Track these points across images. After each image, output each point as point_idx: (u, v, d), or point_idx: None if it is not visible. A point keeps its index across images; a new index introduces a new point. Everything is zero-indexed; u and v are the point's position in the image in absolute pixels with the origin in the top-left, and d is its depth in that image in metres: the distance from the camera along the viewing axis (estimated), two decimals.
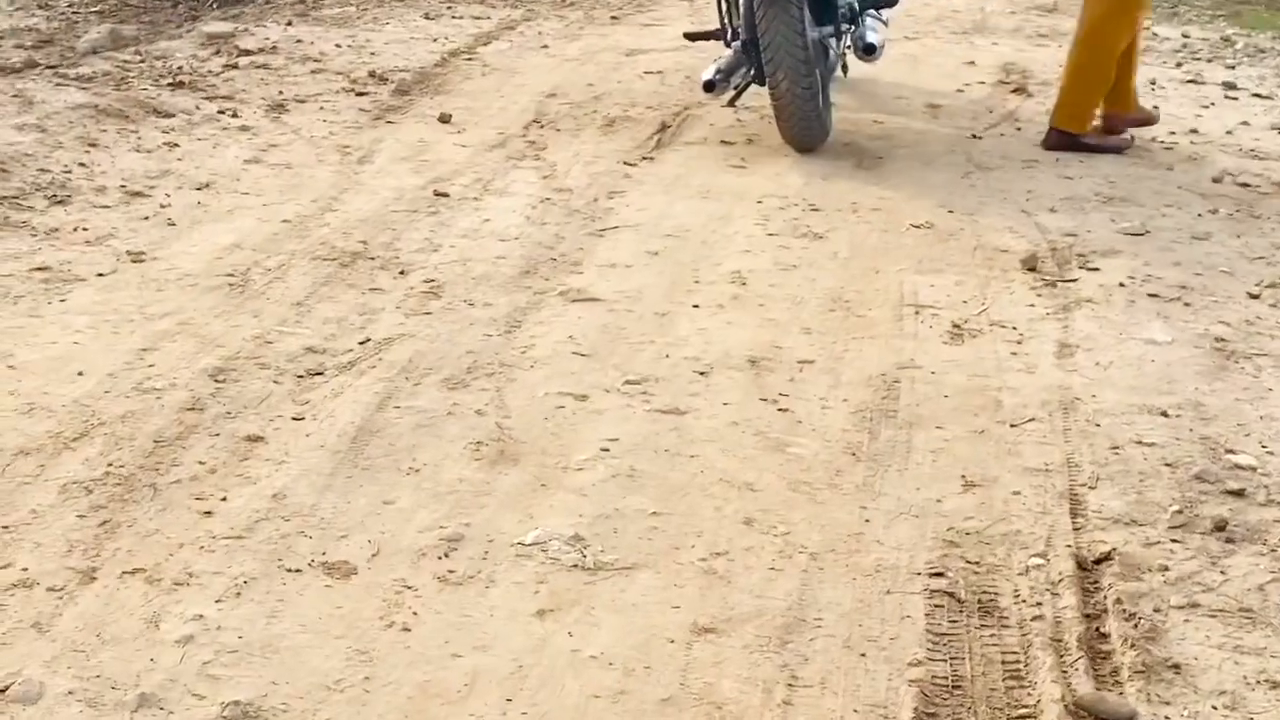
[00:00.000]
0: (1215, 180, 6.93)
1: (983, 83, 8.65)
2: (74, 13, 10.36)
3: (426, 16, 9.79)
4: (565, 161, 6.79)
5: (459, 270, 5.44)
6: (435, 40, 9.08)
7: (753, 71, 7.03)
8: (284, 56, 8.43)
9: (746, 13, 6.92)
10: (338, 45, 8.73)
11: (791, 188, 6.53)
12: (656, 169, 6.74)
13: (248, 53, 8.50)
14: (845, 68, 7.32)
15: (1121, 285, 5.52)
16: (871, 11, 7.63)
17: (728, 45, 7.15)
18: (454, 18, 9.83)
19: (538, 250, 5.68)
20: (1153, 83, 8.82)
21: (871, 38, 7.13)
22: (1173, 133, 7.76)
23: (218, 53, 8.48)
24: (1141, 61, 8.09)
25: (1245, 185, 6.91)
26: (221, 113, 7.26)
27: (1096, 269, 5.70)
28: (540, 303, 5.19)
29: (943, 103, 8.17)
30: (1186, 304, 5.39)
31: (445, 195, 6.23)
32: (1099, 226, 6.18)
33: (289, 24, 9.19)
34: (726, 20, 7.17)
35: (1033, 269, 5.69)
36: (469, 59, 8.67)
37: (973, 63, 9.16)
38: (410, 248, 5.66)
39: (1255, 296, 5.50)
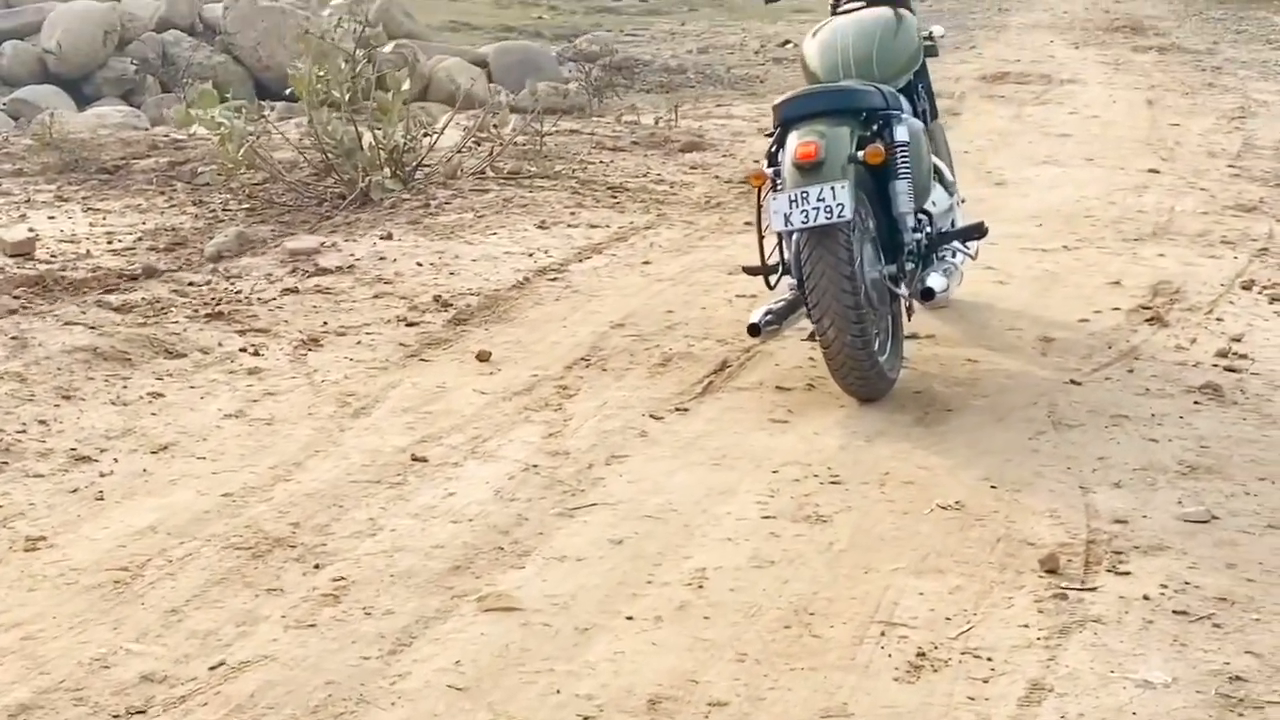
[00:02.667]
0: None
1: (1118, 309, 7.85)
2: (223, 210, 10.14)
3: (541, 225, 9.31)
4: (585, 414, 6.19)
5: (381, 565, 4.87)
6: (530, 255, 8.58)
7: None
8: (355, 277, 8.01)
9: (795, 251, 6.27)
10: (419, 264, 8.28)
11: (823, 452, 5.84)
12: (682, 424, 6.10)
13: (324, 272, 8.10)
14: (910, 311, 6.58)
15: (1145, 598, 4.73)
16: (957, 244, 6.90)
17: (770, 286, 6.50)
18: (569, 226, 9.33)
19: (487, 536, 5.09)
20: None
21: (934, 281, 6.41)
22: None
23: (293, 271, 8.10)
24: None
25: None
26: (243, 350, 6.82)
27: (1128, 573, 4.93)
28: (451, 611, 4.59)
29: (1059, 335, 7.39)
30: (1216, 625, 4.59)
31: (423, 460, 5.68)
32: (1160, 510, 5.38)
33: (387, 236, 8.78)
34: (779, 255, 6.51)
35: (1052, 571, 4.94)
36: (554, 279, 8.15)
37: (1119, 282, 8.36)
38: (345, 531, 5.10)
39: None
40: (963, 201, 7.77)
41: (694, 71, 17.64)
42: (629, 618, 4.58)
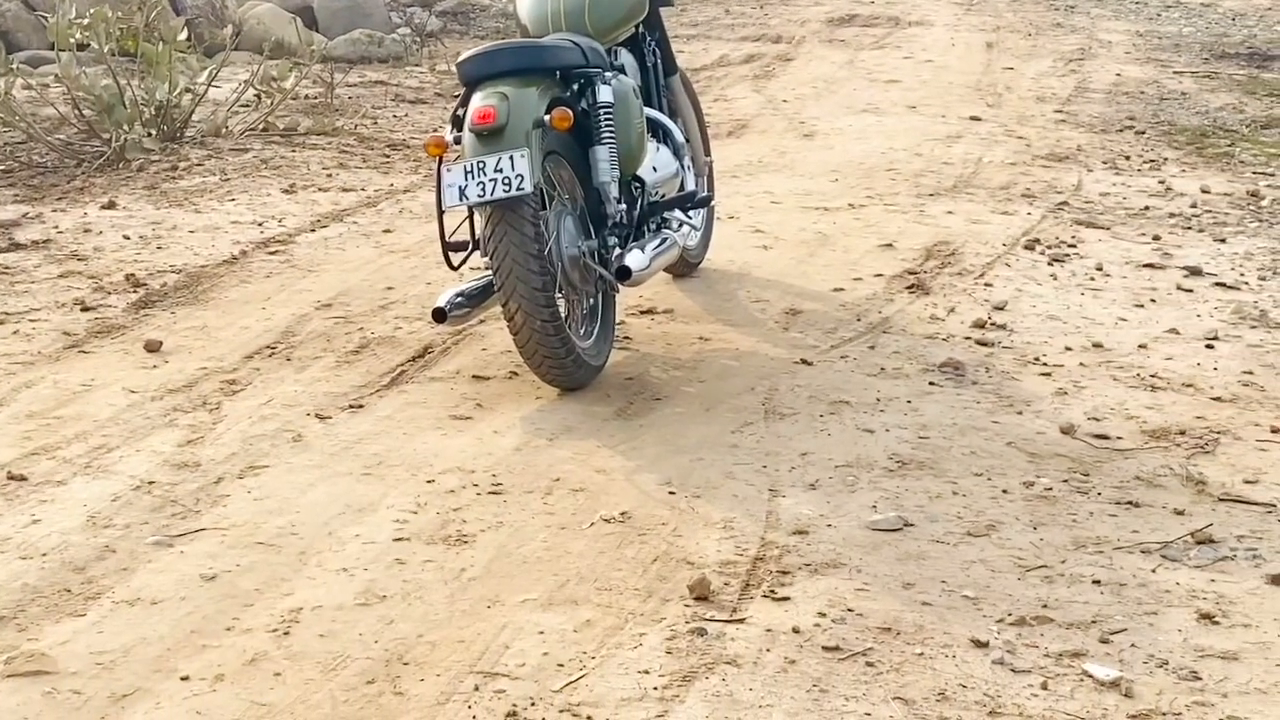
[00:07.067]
0: (1064, 430, 5.41)
1: (880, 275, 7.22)
2: None
3: (289, 189, 8.59)
4: (240, 415, 5.49)
5: None
6: (260, 224, 7.86)
7: None
8: (47, 253, 7.27)
9: (484, 227, 5.58)
10: (127, 237, 7.54)
11: (494, 455, 5.18)
12: (346, 426, 5.41)
13: (16, 247, 7.37)
14: (613, 287, 5.87)
15: (796, 632, 4.09)
16: (679, 214, 6.22)
17: (452, 267, 5.81)
18: (320, 190, 8.61)
19: (56, 576, 4.39)
20: (1099, 268, 7.28)
21: (631, 259, 5.74)
22: (1069, 348, 6.24)
23: None
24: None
25: (1102, 438, 5.40)
26: None
27: (786, 598, 4.27)
28: None
29: (807, 307, 6.74)
30: (869, 664, 3.98)
31: (21, 479, 4.96)
32: (849, 518, 4.75)
33: (110, 204, 8.02)
34: (470, 231, 5.82)
35: (702, 598, 4.26)
36: (274, 251, 7.43)
37: (892, 244, 7.70)
38: None
39: (982, 644, 4.01)
40: (710, 161, 7.08)
41: None
42: (184, 678, 3.89)
